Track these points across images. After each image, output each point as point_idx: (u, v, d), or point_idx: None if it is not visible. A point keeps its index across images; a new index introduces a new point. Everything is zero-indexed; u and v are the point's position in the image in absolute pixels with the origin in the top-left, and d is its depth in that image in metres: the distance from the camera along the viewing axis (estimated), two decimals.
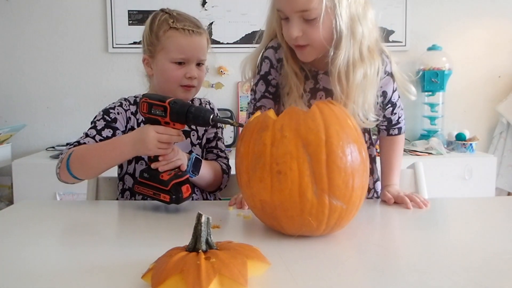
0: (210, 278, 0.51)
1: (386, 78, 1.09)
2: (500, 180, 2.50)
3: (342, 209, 0.73)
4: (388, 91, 1.12)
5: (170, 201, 0.97)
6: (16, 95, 2.55)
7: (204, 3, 2.52)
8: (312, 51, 0.97)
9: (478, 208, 1.04)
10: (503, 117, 2.55)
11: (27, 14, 2.51)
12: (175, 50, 1.11)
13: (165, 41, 1.12)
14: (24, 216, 0.97)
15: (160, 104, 0.96)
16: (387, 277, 0.61)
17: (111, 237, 0.84)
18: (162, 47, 1.12)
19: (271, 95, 1.10)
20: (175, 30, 1.11)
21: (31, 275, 0.63)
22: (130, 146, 0.99)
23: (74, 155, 1.03)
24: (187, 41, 1.12)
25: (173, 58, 1.12)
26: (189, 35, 1.12)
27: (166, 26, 1.12)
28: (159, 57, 1.14)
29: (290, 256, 0.69)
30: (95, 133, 1.10)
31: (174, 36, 1.11)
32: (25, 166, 2.18)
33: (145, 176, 1.00)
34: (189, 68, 1.13)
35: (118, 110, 1.15)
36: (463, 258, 0.69)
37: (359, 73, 0.95)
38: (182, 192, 0.98)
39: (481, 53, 2.63)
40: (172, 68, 1.12)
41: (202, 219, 0.58)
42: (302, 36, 0.93)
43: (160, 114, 0.96)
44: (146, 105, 0.98)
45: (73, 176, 1.04)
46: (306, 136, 0.72)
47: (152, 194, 0.99)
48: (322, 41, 0.94)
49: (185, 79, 1.13)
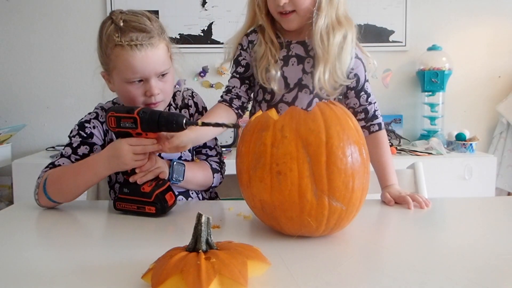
0: (210, 278, 0.51)
1: (357, 61, 1.16)
2: (500, 180, 2.50)
3: (342, 210, 0.73)
4: (360, 76, 1.17)
5: (156, 212, 0.93)
6: (16, 95, 2.55)
7: (204, 3, 2.52)
8: (297, 17, 1.09)
9: (478, 208, 1.05)
10: (503, 117, 2.55)
11: (27, 14, 2.51)
12: (127, 71, 0.99)
13: (115, 60, 0.99)
14: (24, 216, 0.97)
15: (129, 116, 0.92)
16: (387, 277, 0.61)
17: (111, 237, 0.84)
18: (113, 67, 1.01)
19: (238, 74, 1.19)
20: (121, 49, 0.97)
21: (31, 275, 0.63)
22: (105, 165, 0.94)
23: (49, 179, 0.97)
24: (137, 58, 0.97)
25: (128, 79, 1.00)
26: (138, 51, 0.97)
27: (112, 42, 0.99)
28: (114, 77, 1.03)
29: (290, 256, 0.69)
30: (70, 152, 1.05)
31: (121, 54, 0.98)
32: (25, 166, 2.18)
33: (125, 191, 0.96)
34: (148, 85, 1.01)
35: (93, 123, 1.08)
36: (463, 258, 0.69)
37: (338, 34, 1.08)
38: (167, 200, 0.94)
39: (481, 53, 2.64)
40: (129, 89, 1.01)
41: (202, 219, 0.58)
42: (288, 3, 1.06)
43: (130, 126, 0.92)
44: (113, 119, 0.93)
45: (52, 201, 0.98)
46: (307, 137, 0.72)
47: (136, 208, 0.94)
48: (307, 6, 1.07)
49: (147, 97, 1.02)
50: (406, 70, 2.63)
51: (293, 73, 1.15)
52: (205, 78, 2.56)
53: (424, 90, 2.54)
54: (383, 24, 2.58)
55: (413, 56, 2.59)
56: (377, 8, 2.57)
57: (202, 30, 2.50)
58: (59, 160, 1.05)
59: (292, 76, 1.15)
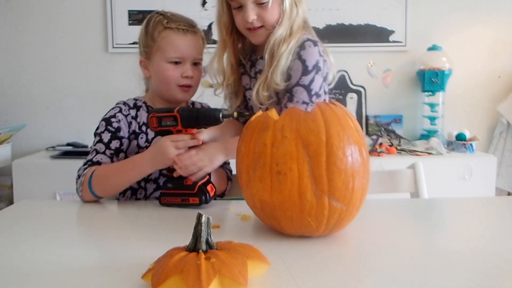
0: (210, 278, 0.51)
1: (297, 62, 1.09)
2: (500, 180, 2.50)
3: (342, 210, 0.73)
4: (293, 77, 1.10)
5: (200, 202, 1.00)
6: (16, 95, 2.55)
7: (204, 3, 2.52)
8: (265, 32, 1.11)
9: (478, 208, 1.05)
10: (503, 117, 2.55)
11: (27, 14, 2.51)
12: (170, 50, 1.12)
13: (161, 41, 1.13)
14: (24, 216, 0.97)
15: (170, 115, 1.00)
16: (387, 277, 0.61)
17: (111, 237, 0.84)
18: (158, 48, 1.13)
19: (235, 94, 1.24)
20: (170, 30, 1.13)
21: (31, 275, 0.63)
22: (149, 162, 1.02)
23: (95, 176, 1.04)
24: (181, 40, 1.13)
25: (169, 58, 1.12)
26: (183, 34, 1.13)
27: (160, 26, 1.13)
28: (155, 58, 1.14)
29: (290, 256, 0.69)
30: (104, 148, 1.10)
31: (168, 35, 1.13)
32: (25, 166, 2.18)
33: (170, 186, 1.03)
34: (185, 67, 1.14)
35: (118, 117, 1.14)
36: (463, 258, 0.69)
37: (285, 45, 1.09)
38: (208, 191, 1.02)
39: (481, 53, 2.63)
40: (168, 68, 1.13)
41: (202, 219, 0.58)
42: (257, 19, 1.08)
43: (171, 124, 1.00)
44: (155, 119, 1.02)
45: (95, 196, 1.05)
46: (307, 137, 0.72)
47: (180, 201, 1.01)
48: (275, 20, 1.09)
49: (181, 78, 1.14)
50: (406, 70, 2.63)
51: None
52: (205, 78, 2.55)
53: (424, 90, 2.54)
54: (383, 24, 2.58)
55: (413, 56, 2.58)
56: (377, 8, 2.57)
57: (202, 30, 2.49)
58: (96, 156, 1.09)
59: None
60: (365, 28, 2.57)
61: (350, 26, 2.56)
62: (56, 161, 2.18)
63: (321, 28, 2.53)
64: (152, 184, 1.16)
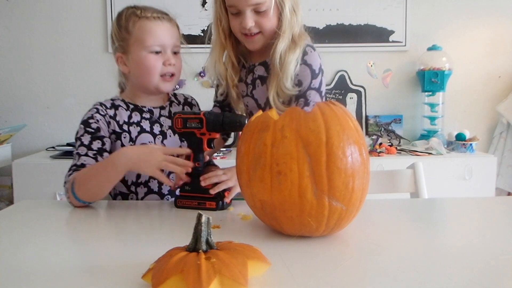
0: (211, 278, 0.51)
1: (303, 67, 1.12)
2: (500, 180, 2.50)
3: (342, 210, 0.73)
4: (304, 82, 1.12)
5: (216, 207, 0.99)
6: (16, 95, 2.55)
7: (204, 3, 2.52)
8: (262, 38, 1.12)
9: (478, 208, 1.05)
10: (503, 117, 2.55)
11: (27, 14, 2.50)
12: (150, 39, 1.10)
13: (137, 32, 1.10)
14: (24, 216, 0.97)
15: (196, 117, 1.01)
16: (387, 277, 0.61)
17: (111, 237, 0.84)
18: (135, 40, 1.11)
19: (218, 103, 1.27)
20: (145, 19, 1.11)
21: (31, 275, 0.63)
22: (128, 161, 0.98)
23: (76, 182, 1.01)
24: (159, 27, 1.11)
25: (149, 47, 1.10)
26: (161, 22, 1.12)
27: (135, 17, 1.11)
28: (134, 51, 1.12)
29: (291, 256, 0.69)
30: (86, 150, 1.08)
31: (145, 25, 1.11)
32: (25, 166, 2.18)
33: (187, 189, 1.03)
34: (166, 55, 1.12)
35: (96, 117, 1.12)
36: (463, 258, 0.69)
37: (291, 54, 1.10)
38: (226, 196, 1.01)
39: (481, 53, 2.63)
40: (150, 58, 1.11)
41: (203, 219, 0.58)
42: (255, 26, 1.08)
43: (196, 126, 1.01)
44: (180, 121, 1.02)
45: (81, 202, 1.02)
46: (307, 137, 0.72)
47: (196, 204, 1.01)
48: (272, 27, 1.10)
49: (164, 67, 1.12)
50: (406, 70, 2.63)
51: (261, 94, 1.17)
52: (205, 78, 2.55)
53: (424, 90, 2.54)
54: (383, 24, 2.58)
55: (413, 56, 2.58)
56: (377, 8, 2.57)
57: (202, 30, 2.50)
58: (79, 159, 1.07)
59: (261, 97, 1.18)
60: (365, 28, 2.57)
61: (350, 26, 2.56)
62: (56, 161, 2.18)
63: (321, 28, 2.52)
64: (143, 188, 1.14)
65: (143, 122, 1.16)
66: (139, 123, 1.16)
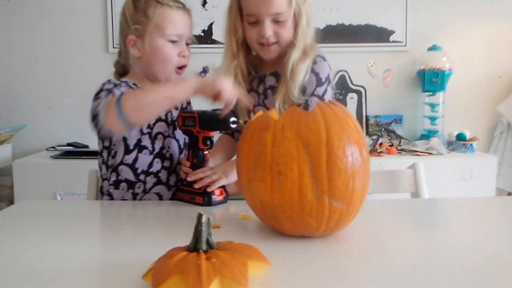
0: (211, 278, 0.51)
1: (310, 75, 1.13)
2: (500, 180, 2.50)
3: (342, 210, 0.73)
4: (308, 89, 1.13)
5: (203, 203, 1.02)
6: (16, 95, 2.55)
7: (205, 3, 2.52)
8: (277, 48, 1.13)
9: (478, 208, 1.05)
10: (503, 117, 2.55)
11: (28, 14, 2.51)
12: (170, 27, 1.08)
13: (158, 18, 1.08)
14: (24, 216, 0.97)
15: (191, 115, 1.05)
16: (387, 277, 0.61)
17: (112, 237, 0.85)
18: (155, 26, 1.09)
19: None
20: (168, 7, 1.09)
21: (31, 275, 0.63)
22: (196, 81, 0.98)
23: (126, 98, 0.94)
24: (180, 17, 1.11)
25: (168, 35, 1.09)
26: (181, 12, 1.11)
27: (155, 3, 1.09)
28: (152, 37, 1.09)
29: (291, 256, 0.69)
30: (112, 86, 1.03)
31: (166, 12, 1.09)
32: (25, 166, 2.18)
33: (184, 183, 1.08)
34: (182, 46, 1.12)
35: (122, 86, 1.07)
36: (463, 258, 0.69)
37: (302, 64, 1.11)
38: (215, 194, 1.03)
39: (481, 53, 2.63)
40: (168, 47, 1.10)
41: (203, 219, 0.58)
42: (272, 35, 1.10)
43: (192, 124, 1.05)
44: (181, 119, 1.08)
45: (122, 118, 0.93)
46: (307, 137, 0.72)
47: (189, 198, 1.05)
48: (289, 38, 1.11)
49: (179, 58, 1.12)
50: (407, 70, 2.63)
51: (273, 103, 1.17)
52: (205, 78, 2.56)
53: (425, 90, 2.54)
54: (383, 24, 2.58)
55: (414, 56, 2.58)
56: (377, 8, 2.57)
57: (203, 30, 2.50)
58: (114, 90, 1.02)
59: (273, 106, 1.17)
60: (365, 28, 2.57)
61: (350, 26, 2.56)
62: (56, 161, 2.18)
63: (321, 28, 2.52)
64: (152, 177, 1.12)
65: None
66: None
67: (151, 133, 1.12)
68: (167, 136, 1.14)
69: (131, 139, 1.10)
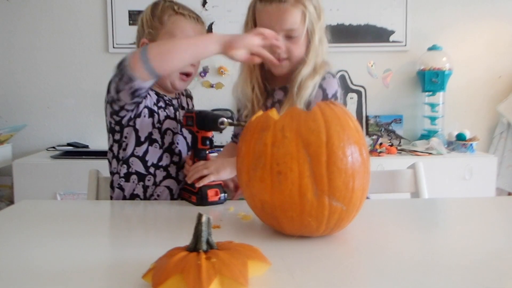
0: (211, 278, 0.51)
1: (317, 90, 1.15)
2: (500, 180, 2.50)
3: (342, 210, 0.73)
4: (313, 103, 1.14)
5: (196, 202, 1.04)
6: (16, 95, 2.55)
7: (205, 3, 2.52)
8: (288, 64, 1.15)
9: (478, 208, 1.05)
10: (503, 117, 2.55)
11: (28, 14, 2.51)
12: (180, 35, 1.13)
13: (171, 25, 1.13)
14: (24, 216, 0.97)
15: (191, 115, 1.08)
16: (387, 277, 0.61)
17: (111, 237, 0.85)
18: (166, 32, 1.13)
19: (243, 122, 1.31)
20: (182, 16, 1.14)
21: (31, 275, 0.63)
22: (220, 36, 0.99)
23: (153, 46, 0.99)
24: (192, 27, 1.15)
25: None
26: (195, 23, 1.16)
27: (171, 11, 1.14)
28: None
29: (291, 256, 0.69)
30: None
31: (179, 21, 1.14)
32: (25, 166, 2.18)
33: (187, 182, 1.09)
34: None
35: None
36: (463, 258, 0.69)
37: (310, 81, 1.13)
38: (208, 195, 1.03)
39: (481, 53, 2.63)
40: None
41: (203, 219, 0.58)
42: (284, 51, 1.11)
43: (191, 124, 1.07)
44: (185, 118, 1.11)
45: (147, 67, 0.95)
46: (307, 137, 0.72)
47: (188, 197, 1.08)
48: (301, 55, 1.14)
49: (187, 66, 1.14)
50: (407, 70, 2.63)
51: None
52: (205, 78, 2.56)
53: (425, 90, 2.54)
54: (383, 24, 2.58)
55: (414, 56, 2.58)
56: (377, 8, 2.57)
57: None
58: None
59: None
60: (365, 28, 2.57)
61: (350, 26, 2.56)
62: (56, 161, 2.18)
63: None
64: (162, 171, 1.14)
65: (167, 108, 1.18)
66: (165, 108, 1.18)
67: (161, 128, 1.15)
68: (176, 132, 1.18)
69: (142, 131, 1.12)
